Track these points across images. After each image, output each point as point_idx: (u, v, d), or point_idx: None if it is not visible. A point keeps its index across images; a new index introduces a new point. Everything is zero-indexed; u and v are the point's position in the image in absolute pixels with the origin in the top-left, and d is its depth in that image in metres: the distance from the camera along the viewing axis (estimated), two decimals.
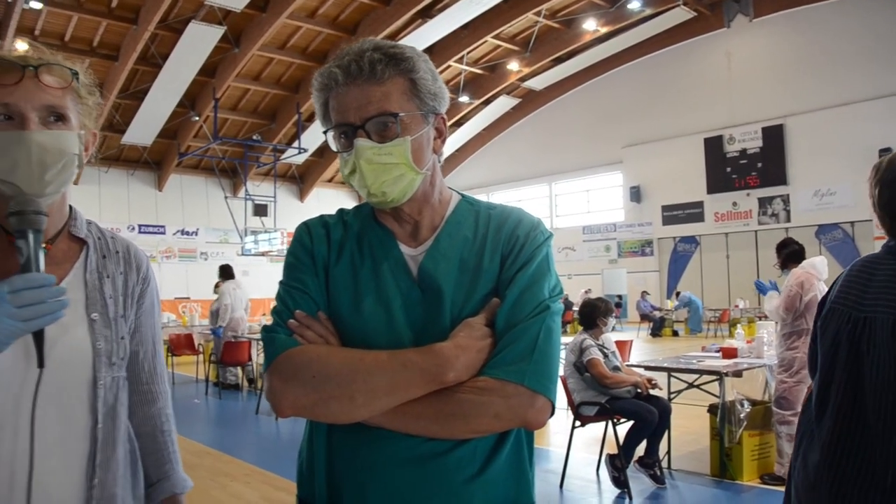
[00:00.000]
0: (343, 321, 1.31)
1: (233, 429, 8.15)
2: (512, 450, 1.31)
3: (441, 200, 1.39)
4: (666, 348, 15.86)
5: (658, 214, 26.13)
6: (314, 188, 29.69)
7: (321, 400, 1.21)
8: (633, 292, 24.53)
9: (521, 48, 24.62)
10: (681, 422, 6.28)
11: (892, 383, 1.65)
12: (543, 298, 1.28)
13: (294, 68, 23.38)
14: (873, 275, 1.80)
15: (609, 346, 5.71)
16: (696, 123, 24.81)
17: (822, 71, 22.07)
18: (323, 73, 1.31)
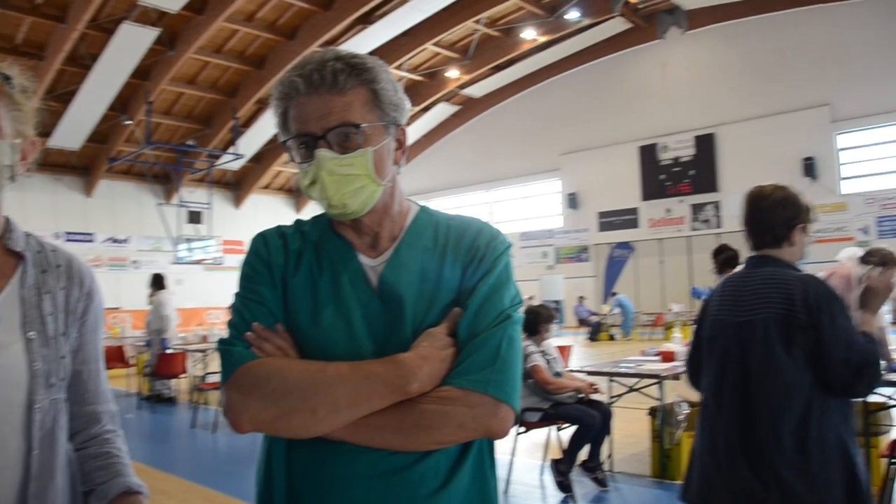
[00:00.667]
0: (302, 333, 1.28)
1: (168, 444, 7.93)
2: (475, 460, 1.30)
3: (400, 211, 1.38)
4: (603, 352, 16.08)
5: (594, 221, 26.55)
6: (251, 195, 29.21)
7: (282, 414, 1.18)
8: (570, 298, 24.85)
9: (461, 56, 24.75)
10: (622, 425, 6.36)
11: (766, 373, 2.20)
12: (504, 308, 1.28)
13: (231, 72, 23.00)
14: (752, 285, 2.35)
15: (551, 352, 5.76)
16: (632, 131, 25.31)
17: (751, 82, 22.81)
18: (283, 82, 1.28)
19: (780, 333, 2.22)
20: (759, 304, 2.29)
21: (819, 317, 2.19)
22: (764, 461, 2.17)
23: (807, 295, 2.23)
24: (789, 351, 2.21)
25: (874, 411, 4.95)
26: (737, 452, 2.23)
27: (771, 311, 2.25)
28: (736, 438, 2.25)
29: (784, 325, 2.22)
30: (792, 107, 22.12)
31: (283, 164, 28.15)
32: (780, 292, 2.27)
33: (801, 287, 2.26)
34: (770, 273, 2.35)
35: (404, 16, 20.50)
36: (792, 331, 2.21)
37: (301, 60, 1.29)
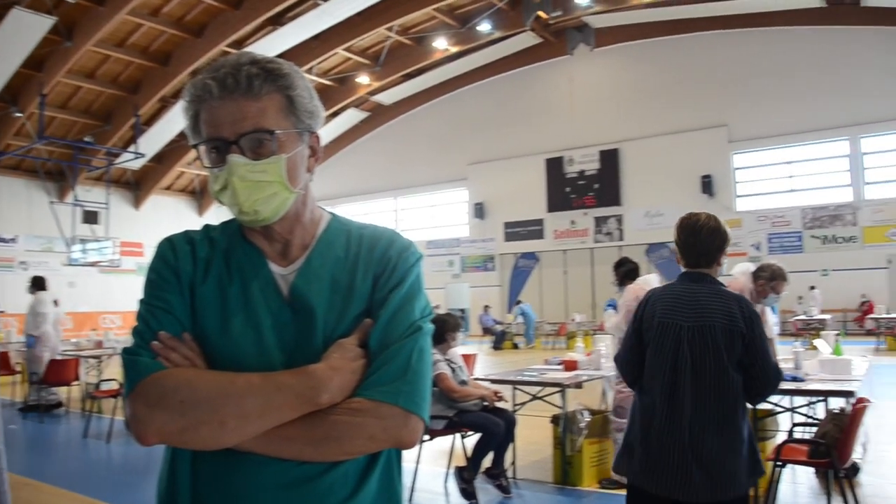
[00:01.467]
0: (210, 343, 1.25)
1: (58, 456, 7.53)
2: (383, 470, 1.29)
3: (312, 219, 1.36)
4: (507, 361, 16.27)
5: (500, 231, 26.94)
6: (151, 196, 28.30)
7: (190, 426, 1.14)
8: (476, 306, 25.08)
9: (372, 62, 24.72)
10: (525, 432, 6.44)
11: (716, 371, 2.71)
12: (415, 319, 1.27)
13: (133, 68, 22.26)
14: (698, 297, 2.82)
15: (456, 360, 5.78)
16: (539, 144, 25.83)
17: (654, 101, 23.69)
18: (196, 84, 1.25)
19: (724, 340, 2.72)
20: (707, 314, 2.77)
21: (752, 329, 2.73)
22: (711, 436, 2.72)
23: (743, 311, 2.75)
24: (729, 355, 2.72)
25: (762, 417, 5.18)
26: (696, 430, 2.72)
27: (717, 321, 2.74)
28: (692, 419, 2.73)
29: (727, 333, 2.72)
30: (692, 126, 23.09)
31: (186, 165, 27.43)
32: (724, 305, 2.77)
33: (738, 303, 2.79)
34: (714, 289, 2.86)
35: (316, 19, 20.35)
36: (733, 339, 2.72)
37: (215, 63, 1.25)
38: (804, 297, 20.01)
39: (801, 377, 5.19)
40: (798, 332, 16.32)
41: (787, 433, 5.07)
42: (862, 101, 20.75)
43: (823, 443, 4.20)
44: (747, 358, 2.72)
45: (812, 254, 21.46)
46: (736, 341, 2.71)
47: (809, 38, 21.51)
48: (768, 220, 22.20)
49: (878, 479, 5.67)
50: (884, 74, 20.45)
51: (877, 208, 20.86)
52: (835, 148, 21.76)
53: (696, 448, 2.72)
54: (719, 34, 22.67)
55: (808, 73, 21.53)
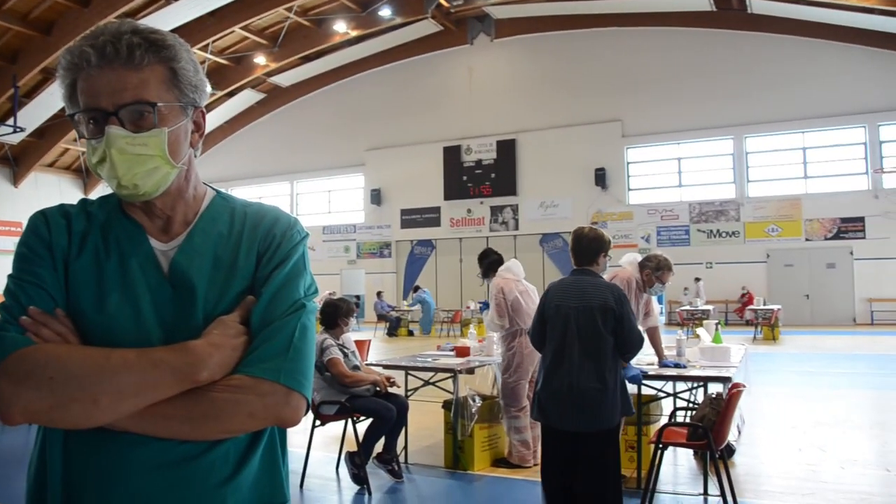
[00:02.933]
0: (85, 319, 1.21)
1: None
2: (265, 449, 1.28)
3: (195, 196, 1.34)
4: (401, 347, 16.34)
5: (397, 218, 26.93)
6: (32, 172, 26.81)
7: (59, 404, 1.10)
8: (371, 293, 25.03)
9: (270, 43, 24.19)
10: (417, 418, 6.49)
11: (594, 337, 3.88)
12: (299, 297, 1.27)
13: (11, 35, 20.92)
14: (582, 286, 4.03)
15: (349, 345, 5.77)
16: (437, 132, 25.92)
17: (552, 94, 24.17)
18: (73, 51, 1.20)
19: (600, 316, 3.88)
20: (588, 298, 3.95)
21: (621, 307, 3.90)
22: (589, 380, 3.84)
23: (614, 294, 3.95)
24: (605, 326, 3.87)
25: (646, 402, 5.39)
26: (578, 379, 3.85)
27: (595, 302, 3.91)
28: (577, 370, 3.87)
29: (603, 310, 3.89)
30: (587, 120, 23.69)
31: (71, 141, 26.13)
32: (600, 292, 3.96)
33: (610, 290, 3.99)
34: (592, 280, 4.06)
35: None
36: (606, 314, 3.88)
37: (94, 30, 1.21)
38: (689, 289, 20.92)
39: (683, 364, 5.44)
40: (683, 321, 17.02)
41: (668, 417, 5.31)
42: (747, 102, 21.81)
43: (701, 426, 4.42)
44: (618, 327, 3.86)
45: (698, 247, 22.45)
46: (608, 316, 3.87)
47: (700, 39, 22.41)
48: (658, 213, 23.06)
49: (751, 460, 6.01)
50: (768, 78, 21.57)
51: (758, 205, 22.01)
52: (721, 146, 22.81)
53: (578, 392, 3.83)
54: (616, 31, 23.32)
55: (697, 74, 22.43)
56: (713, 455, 4.40)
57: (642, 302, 5.46)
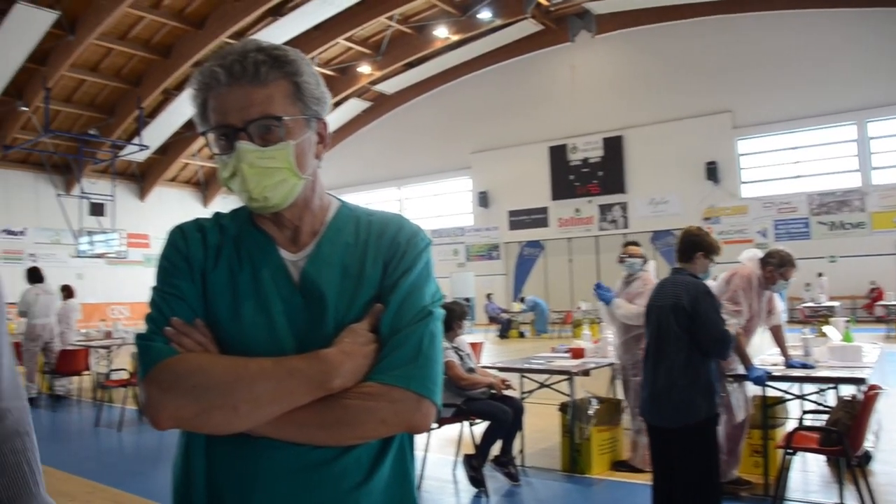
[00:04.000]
0: (222, 328, 1.26)
1: (71, 444, 7.58)
2: (396, 455, 1.31)
3: (321, 206, 1.37)
4: (513, 349, 16.28)
5: (505, 219, 26.90)
6: (156, 187, 28.33)
7: (203, 411, 1.16)
8: (481, 295, 25.07)
9: (373, 51, 24.65)
10: (533, 420, 6.44)
11: (670, 334, 3.94)
12: (426, 304, 1.28)
13: (136, 60, 22.24)
14: (666, 285, 4.11)
15: (464, 348, 5.80)
16: (542, 132, 25.75)
17: (657, 87, 23.58)
18: (203, 72, 1.26)
19: (673, 314, 3.94)
20: (666, 296, 4.04)
21: (694, 306, 3.89)
22: (666, 377, 3.93)
23: (690, 293, 3.94)
24: (678, 324, 3.91)
25: (771, 405, 5.17)
26: (657, 374, 3.99)
27: (669, 301, 3.98)
28: (657, 367, 4.00)
29: (675, 309, 3.93)
30: (696, 112, 22.97)
31: (189, 156, 27.46)
32: (677, 290, 4.00)
33: (687, 287, 3.98)
34: (676, 278, 4.10)
35: (316, 9, 20.30)
36: (678, 312, 3.92)
37: (222, 51, 1.26)
38: (811, 284, 19.88)
39: (811, 364, 5.17)
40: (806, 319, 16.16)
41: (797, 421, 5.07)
42: (868, 84, 20.52)
43: (835, 430, 4.20)
44: (692, 325, 3.88)
45: (819, 240, 21.32)
46: (680, 314, 3.90)
47: (813, 20, 21.29)
48: (774, 206, 22.09)
49: (891, 468, 5.64)
50: (891, 57, 20.23)
51: (885, 193, 20.68)
52: (841, 133, 21.50)
53: (658, 389, 3.95)
54: (722, 19, 22.51)
55: (812, 57, 21.31)
56: (849, 462, 4.17)
57: (764, 300, 5.22)
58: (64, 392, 10.33)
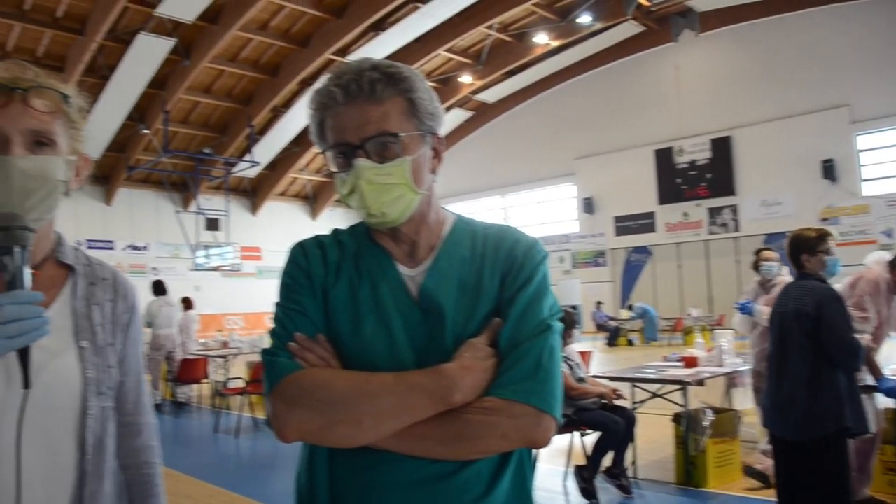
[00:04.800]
0: (343, 343, 1.29)
1: (192, 448, 7.95)
2: (516, 468, 1.30)
3: (437, 220, 1.39)
4: (622, 358, 16.01)
5: (611, 225, 26.47)
6: (267, 202, 29.33)
7: (327, 424, 1.19)
8: (587, 303, 24.75)
9: (474, 61, 24.77)
10: (645, 431, 6.30)
11: (793, 336, 3.76)
12: (544, 317, 1.28)
13: (245, 81, 23.13)
14: (789, 290, 3.98)
15: (573, 357, 5.74)
16: (647, 135, 25.23)
17: (767, 84, 22.68)
18: (321, 92, 1.29)
19: (796, 320, 3.75)
20: (788, 302, 3.89)
21: (819, 311, 3.67)
22: (790, 387, 3.76)
23: (815, 298, 3.72)
24: (801, 331, 3.72)
25: None
26: (780, 383, 3.84)
27: (791, 307, 3.82)
28: (780, 375, 3.84)
29: (797, 315, 3.75)
30: (810, 108, 21.94)
31: (298, 171, 28.30)
32: (801, 295, 3.82)
33: (812, 293, 3.76)
34: (799, 283, 3.94)
35: (416, 22, 20.56)
36: (801, 319, 3.72)
37: (338, 70, 1.29)
38: None
39: None
40: None
41: None
42: None
43: None
44: (817, 332, 3.66)
45: None
46: (803, 321, 3.70)
47: None
48: None
49: None
50: None
51: None
52: None
53: (781, 398, 3.78)
54: (834, 8, 21.33)
55: None
56: None
57: (894, 306, 4.93)
58: (185, 399, 10.83)
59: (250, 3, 18.09)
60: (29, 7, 17.73)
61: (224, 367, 10.79)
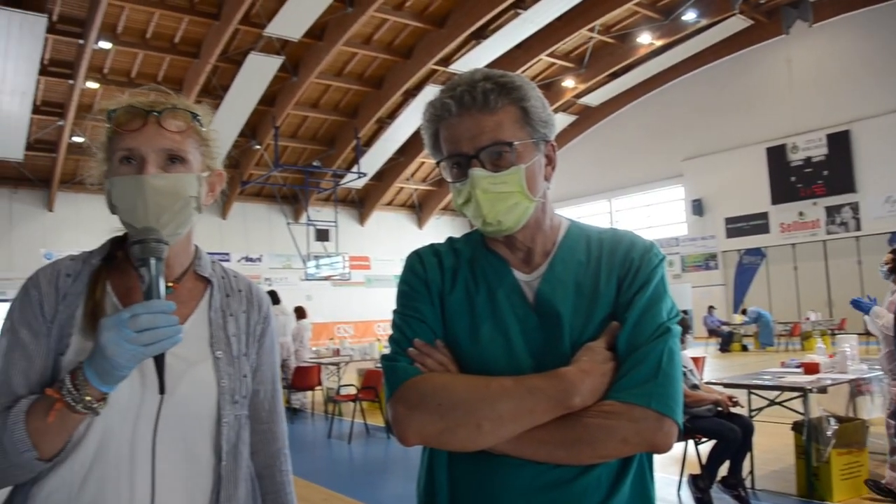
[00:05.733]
0: (461, 348, 1.31)
1: (307, 453, 8.18)
2: (636, 474, 1.30)
3: (552, 226, 1.40)
4: (737, 364, 15.48)
5: (721, 227, 25.63)
6: (374, 212, 29.98)
7: (447, 428, 1.21)
8: (698, 307, 24.03)
9: (576, 65, 24.56)
10: (763, 440, 6.10)
11: None
12: (663, 321, 1.27)
13: (351, 94, 23.74)
14: None
15: (686, 363, 5.60)
16: (758, 133, 24.34)
17: (888, 73, 21.45)
18: (434, 104, 1.31)
19: None
20: None
21: None
22: None
23: None
24: None
25: None
26: None
27: None
28: None
29: None
30: None
31: (404, 181, 28.77)
32: None
33: None
34: None
35: (517, 28, 20.56)
36: None
37: (451, 82, 1.32)
38: None
39: None
40: None
41: None
42: None
43: None
44: None
45: None
46: None
47: None
48: None
49: None
50: None
51: None
52: None
53: None
54: None
55: None
56: None
57: None
58: (299, 405, 11.15)
59: (354, 18, 18.57)
60: (150, 35, 18.80)
61: (336, 374, 11.07)
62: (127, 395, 1.25)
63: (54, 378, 1.25)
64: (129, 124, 1.31)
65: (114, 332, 1.13)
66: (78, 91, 18.68)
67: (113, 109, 1.32)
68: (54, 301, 1.30)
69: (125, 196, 1.28)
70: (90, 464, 1.25)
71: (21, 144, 20.18)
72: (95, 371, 1.15)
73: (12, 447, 1.17)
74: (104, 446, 1.25)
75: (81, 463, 1.24)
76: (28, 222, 22.97)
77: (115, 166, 1.30)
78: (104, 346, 1.13)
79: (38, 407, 1.19)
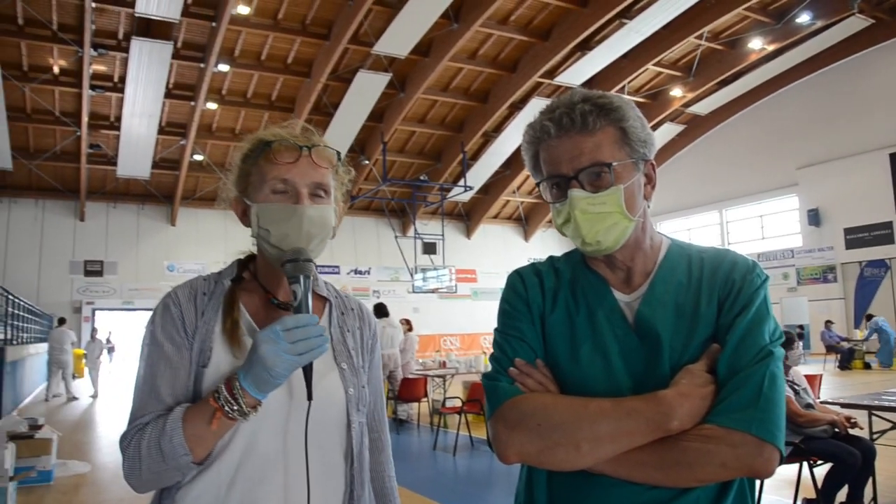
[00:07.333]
0: (560, 369, 1.33)
1: (413, 464, 8.28)
2: (736, 497, 1.28)
3: (652, 246, 1.39)
4: (858, 382, 14.72)
5: (840, 238, 24.44)
6: (480, 225, 30.16)
7: (547, 448, 1.23)
8: (816, 322, 23.00)
9: (684, 73, 24.04)
10: (886, 465, 5.80)
11: None
12: (765, 343, 1.25)
13: (457, 109, 24.03)
14: None
15: (799, 381, 5.41)
16: (880, 138, 23.13)
17: None
18: (534, 127, 1.35)
19: None
20: None
21: None
22: None
23: None
24: None
25: None
26: None
27: None
28: None
29: None
30: None
31: (510, 194, 28.83)
32: None
33: None
34: None
35: (623, 39, 20.34)
36: None
37: (550, 104, 1.35)
38: None
39: None
40: None
41: None
42: None
43: None
44: None
45: None
46: None
47: None
48: None
49: None
50: None
51: None
52: None
53: None
54: None
55: None
56: None
57: None
58: (405, 417, 11.32)
59: (459, 34, 18.83)
60: (265, 57, 19.65)
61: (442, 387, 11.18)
62: (276, 401, 1.36)
63: (196, 388, 1.37)
64: (285, 156, 1.44)
65: (272, 345, 1.25)
66: (199, 112, 19.80)
67: (269, 141, 1.45)
68: (194, 317, 1.43)
69: (279, 222, 1.41)
70: (237, 467, 1.36)
71: (148, 164, 21.71)
72: (253, 381, 1.27)
73: (172, 451, 1.28)
74: (250, 450, 1.36)
75: (228, 466, 1.36)
76: (152, 236, 24.38)
77: (266, 193, 1.43)
78: (264, 357, 1.25)
79: (193, 414, 1.31)
